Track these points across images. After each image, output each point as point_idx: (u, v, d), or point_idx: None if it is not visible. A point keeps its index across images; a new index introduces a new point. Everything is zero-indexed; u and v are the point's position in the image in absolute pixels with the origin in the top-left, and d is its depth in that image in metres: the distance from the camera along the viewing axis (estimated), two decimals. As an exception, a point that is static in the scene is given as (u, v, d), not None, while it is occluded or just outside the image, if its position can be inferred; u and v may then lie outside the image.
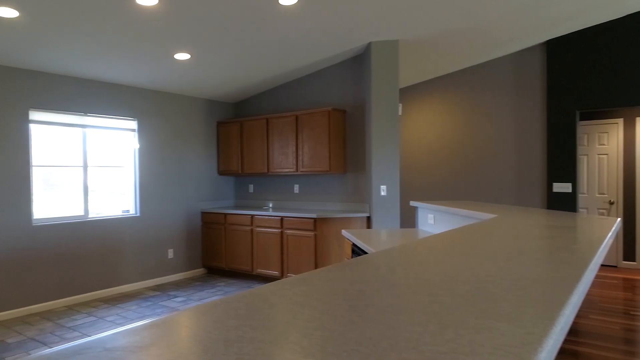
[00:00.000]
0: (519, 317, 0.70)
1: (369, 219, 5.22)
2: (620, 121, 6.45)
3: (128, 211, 5.67)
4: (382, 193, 5.02)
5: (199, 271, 6.45)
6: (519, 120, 6.30)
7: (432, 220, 3.34)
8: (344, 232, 3.44)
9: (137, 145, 5.70)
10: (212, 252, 6.31)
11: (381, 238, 3.03)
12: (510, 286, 0.89)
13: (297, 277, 1.00)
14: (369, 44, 5.05)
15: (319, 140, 5.51)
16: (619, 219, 2.19)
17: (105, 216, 5.40)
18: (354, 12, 4.12)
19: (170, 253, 6.06)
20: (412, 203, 3.72)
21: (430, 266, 1.10)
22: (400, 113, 5.27)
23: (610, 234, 1.60)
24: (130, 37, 4.11)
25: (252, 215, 5.82)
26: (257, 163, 6.17)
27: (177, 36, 4.22)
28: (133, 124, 5.69)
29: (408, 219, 7.29)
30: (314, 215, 5.16)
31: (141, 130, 5.73)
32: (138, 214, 5.69)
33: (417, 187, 7.27)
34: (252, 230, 5.83)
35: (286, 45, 4.79)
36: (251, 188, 6.66)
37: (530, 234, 1.66)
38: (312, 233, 5.23)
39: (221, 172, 6.63)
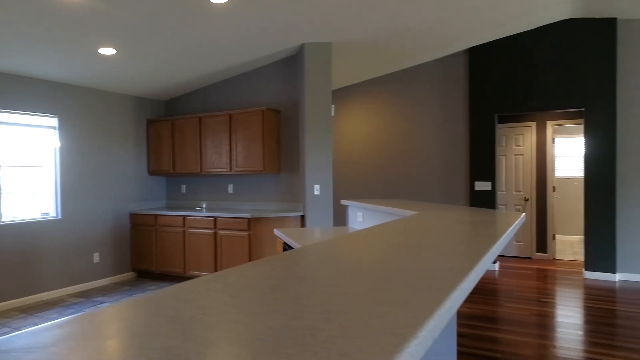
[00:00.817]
0: (412, 302, 0.77)
1: (303, 218, 5.28)
2: (534, 124, 7.01)
3: (48, 214, 5.33)
4: (316, 192, 5.11)
5: (128, 275, 6.19)
6: (445, 122, 6.66)
7: (361, 218, 3.47)
8: (276, 231, 3.47)
9: (58, 144, 5.37)
10: (142, 255, 6.08)
11: (311, 236, 3.10)
12: (413, 276, 0.96)
13: (215, 274, 1.02)
14: (302, 45, 5.11)
15: (253, 139, 5.50)
16: (523, 214, 2.40)
17: (22, 219, 5.04)
18: (287, 14, 4.16)
19: (96, 257, 5.76)
20: (343, 202, 3.83)
21: (345, 260, 1.17)
22: (333, 114, 5.39)
23: (511, 228, 1.76)
24: (45, 27, 3.87)
25: (185, 216, 5.68)
26: (190, 163, 6.03)
27: (101, 30, 4.03)
28: (53, 121, 5.35)
29: (341, 217, 7.46)
30: (248, 215, 5.14)
31: (63, 128, 5.40)
32: (59, 217, 5.36)
33: (351, 187, 7.46)
34: (184, 231, 5.70)
35: (218, 44, 4.73)
36: (183, 188, 6.50)
37: (442, 229, 1.78)
38: (246, 233, 5.21)
39: (152, 172, 6.41)
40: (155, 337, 0.64)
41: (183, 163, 6.10)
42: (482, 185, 6.31)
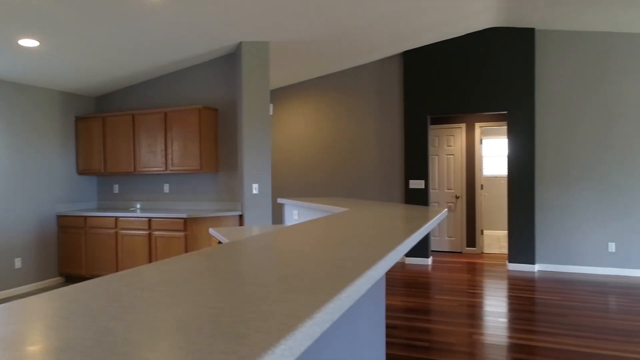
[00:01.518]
0: (317, 289, 0.82)
1: (241, 217, 5.26)
2: (463, 126, 7.41)
3: (-39, 217, 4.92)
4: (254, 191, 5.10)
5: (55, 280, 5.85)
6: (382, 123, 6.87)
7: (297, 216, 3.52)
8: (211, 230, 3.44)
9: (-28, 141, 4.97)
10: (71, 259, 5.78)
11: (244, 234, 3.11)
12: (326, 266, 1.02)
13: (130, 270, 1.02)
14: (240, 44, 5.09)
15: (189, 138, 5.39)
16: (444, 210, 2.56)
17: None
18: (224, 12, 4.13)
19: (18, 262, 5.40)
20: (280, 200, 3.87)
21: (263, 254, 1.20)
22: (271, 113, 5.40)
23: (428, 224, 1.88)
24: (-41, 16, 3.59)
25: (117, 217, 5.47)
26: (123, 162, 5.81)
27: (21, 19, 3.79)
28: (-33, 117, 4.95)
29: (280, 216, 7.49)
30: (184, 215, 5.04)
31: (-22, 124, 5.01)
32: (-25, 220, 4.97)
33: (292, 186, 7.51)
34: (116, 233, 5.48)
35: (153, 39, 4.60)
36: (116, 188, 6.24)
37: (367, 224, 1.87)
38: (182, 233, 5.10)
39: (81, 172, 6.10)
40: (58, 329, 0.64)
41: (115, 162, 5.86)
42: (416, 184, 6.59)
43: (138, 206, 6.07)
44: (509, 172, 6.14)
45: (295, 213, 3.55)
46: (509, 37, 6.06)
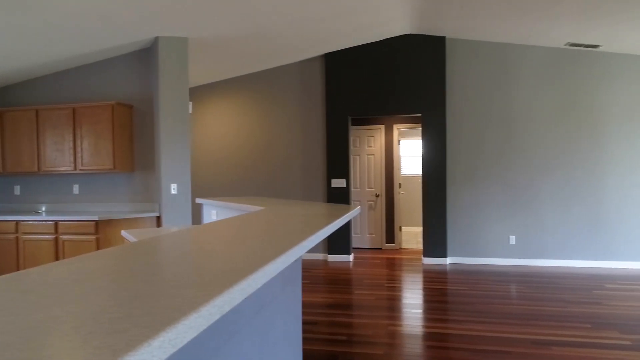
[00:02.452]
0: (212, 285, 0.84)
1: (159, 218, 5.07)
2: (382, 127, 7.72)
3: None
4: (173, 192, 4.94)
5: (-57, 293, 5.24)
6: (304, 123, 6.96)
7: (215, 216, 3.47)
8: (123, 232, 3.29)
9: None
10: (-38, 268, 5.21)
11: (159, 235, 3.01)
12: (228, 262, 1.03)
13: (16, 272, 0.96)
14: (156, 39, 4.90)
15: (101, 136, 5.10)
16: (358, 207, 2.66)
17: None
18: (139, 4, 3.96)
19: None
20: (198, 200, 3.79)
21: (164, 253, 1.19)
22: (190, 111, 5.26)
23: (338, 221, 1.95)
24: None
25: (18, 221, 5.03)
26: (25, 160, 5.35)
27: None
28: None
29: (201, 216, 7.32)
30: (95, 218, 4.75)
31: None
32: None
33: (213, 186, 7.36)
34: (17, 238, 5.03)
35: (59, 28, 4.29)
36: (17, 190, 5.73)
37: (279, 221, 1.90)
38: (93, 237, 4.81)
39: (-26, 172, 5.53)
40: None
41: (16, 161, 5.38)
42: (338, 183, 6.76)
43: (43, 209, 5.62)
44: (423, 172, 6.50)
45: (214, 213, 3.50)
46: (422, 44, 6.41)
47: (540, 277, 5.63)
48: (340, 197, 6.79)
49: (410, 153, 9.87)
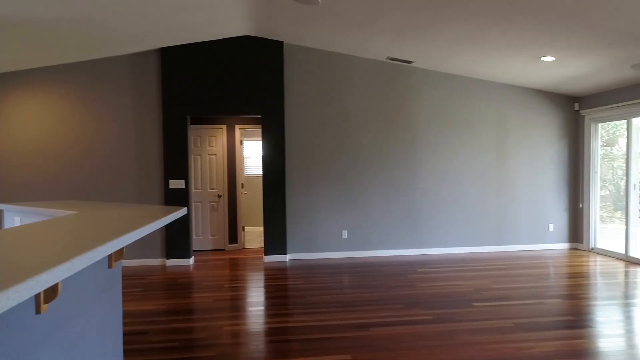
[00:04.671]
0: None
1: (-53, 229, 4.21)
2: (224, 127, 7.66)
3: None
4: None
5: None
6: (138, 120, 6.51)
7: (19, 222, 3.03)
8: None
9: None
10: None
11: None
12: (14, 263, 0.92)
13: None
14: (-59, 13, 4.07)
15: None
16: (184, 209, 2.60)
17: None
18: None
19: None
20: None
21: None
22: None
23: (154, 223, 1.88)
24: None
25: None
26: None
27: None
28: None
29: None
30: None
31: None
32: None
33: (22, 189, 6.41)
34: None
35: None
36: None
37: (86, 226, 1.75)
38: None
39: None
40: None
41: None
42: (177, 184, 6.49)
43: None
44: (263, 172, 6.65)
45: (17, 220, 3.05)
46: (262, 47, 6.55)
47: (366, 266, 6.24)
48: (179, 199, 6.53)
49: (254, 153, 10.00)
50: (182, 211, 2.54)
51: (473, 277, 5.60)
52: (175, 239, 6.56)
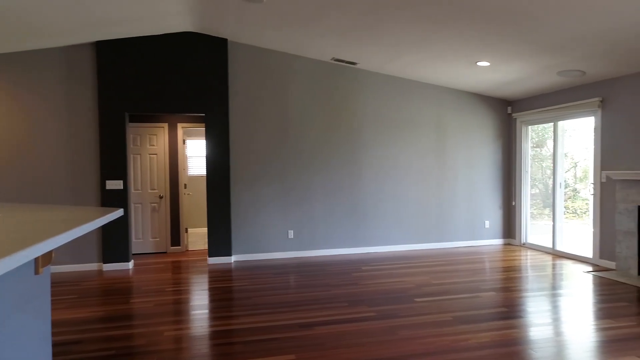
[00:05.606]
0: None
1: None
2: (166, 126, 7.41)
3: None
4: None
5: None
6: (72, 117, 6.15)
7: None
8: None
9: None
10: None
11: None
12: None
13: None
14: None
15: None
16: (120, 210, 2.48)
17: None
18: None
19: None
20: None
21: None
22: None
23: (86, 225, 1.78)
24: None
25: None
26: None
27: None
28: None
29: None
30: None
31: None
32: None
33: (-57, 190, 5.87)
34: None
35: None
36: None
37: (12, 229, 1.63)
38: None
39: None
40: None
41: None
42: (114, 185, 6.19)
43: None
44: (207, 172, 6.49)
45: None
46: (206, 44, 6.40)
47: (312, 266, 6.27)
48: (117, 200, 6.24)
49: (198, 153, 9.75)
50: (118, 212, 2.42)
51: (414, 273, 5.78)
52: (113, 242, 6.26)
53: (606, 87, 6.00)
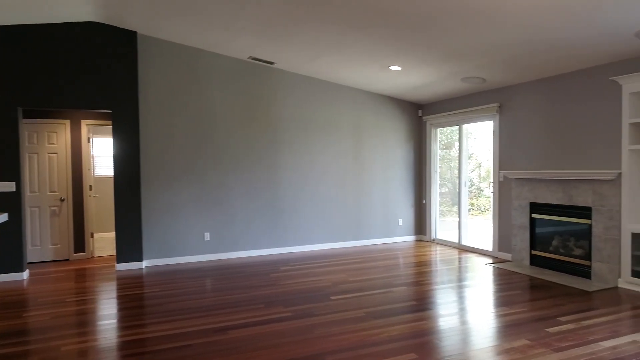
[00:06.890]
0: None
1: None
2: (68, 122, 6.84)
3: None
4: None
5: None
6: (-50, 111, 5.44)
7: None
8: None
9: None
10: None
11: None
12: None
13: None
14: None
15: None
16: (4, 214, 2.23)
17: None
18: None
19: None
20: None
21: None
22: None
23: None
24: None
25: None
26: None
27: None
28: None
29: None
30: None
31: None
32: None
33: None
34: None
35: None
36: None
37: None
38: None
39: None
40: None
41: None
42: (5, 187, 5.58)
43: None
44: (115, 172, 6.09)
45: None
46: (112, 36, 5.99)
47: (229, 268, 6.13)
48: (9, 204, 5.63)
49: (105, 152, 9.11)
50: (2, 217, 2.17)
51: (332, 272, 5.87)
52: (3, 250, 5.64)
53: (503, 94, 6.55)
